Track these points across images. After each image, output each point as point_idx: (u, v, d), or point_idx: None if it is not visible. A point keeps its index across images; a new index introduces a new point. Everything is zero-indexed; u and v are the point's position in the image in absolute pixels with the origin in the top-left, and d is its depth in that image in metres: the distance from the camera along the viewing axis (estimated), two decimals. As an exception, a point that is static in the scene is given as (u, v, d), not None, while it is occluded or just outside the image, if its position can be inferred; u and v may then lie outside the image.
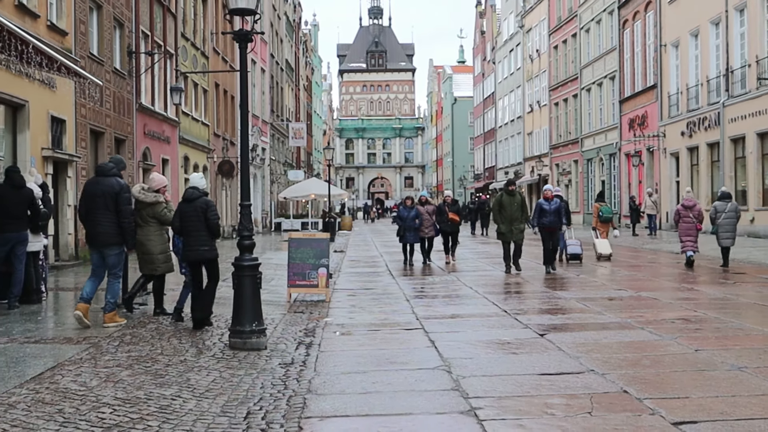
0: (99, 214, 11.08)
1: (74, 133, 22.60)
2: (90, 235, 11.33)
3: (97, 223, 11.11)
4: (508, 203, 19.11)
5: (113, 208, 11.07)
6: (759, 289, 15.24)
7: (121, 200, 11.15)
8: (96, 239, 11.21)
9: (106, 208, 11.05)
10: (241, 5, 9.43)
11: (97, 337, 10.05)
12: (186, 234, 10.84)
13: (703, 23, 35.63)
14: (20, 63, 13.78)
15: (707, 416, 6.28)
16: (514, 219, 19.00)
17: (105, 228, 11.08)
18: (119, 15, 26.74)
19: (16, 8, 18.82)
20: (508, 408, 6.69)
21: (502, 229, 19.21)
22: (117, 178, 11.34)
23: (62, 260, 21.44)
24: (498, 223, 19.46)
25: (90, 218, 11.20)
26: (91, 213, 11.15)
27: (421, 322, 11.55)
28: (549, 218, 18.93)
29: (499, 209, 19.23)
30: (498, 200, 19.52)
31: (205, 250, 10.81)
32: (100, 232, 11.12)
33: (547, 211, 18.94)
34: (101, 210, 11.05)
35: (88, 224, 11.28)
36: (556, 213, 18.99)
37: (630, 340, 9.77)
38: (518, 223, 19.08)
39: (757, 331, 10.31)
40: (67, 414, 6.40)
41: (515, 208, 19.05)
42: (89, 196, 11.26)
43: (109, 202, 11.05)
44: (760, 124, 30.55)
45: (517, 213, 19.05)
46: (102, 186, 11.15)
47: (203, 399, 6.91)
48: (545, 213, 18.96)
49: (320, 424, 6.29)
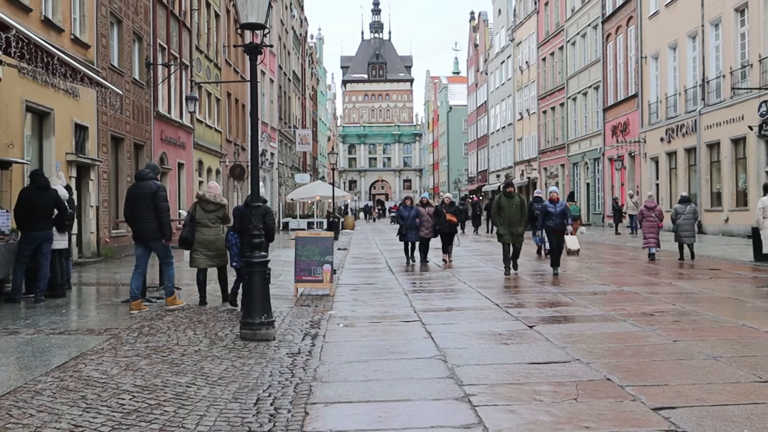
0: (143, 214, 11.88)
1: (96, 139, 22.59)
2: (136, 232, 12.09)
3: (142, 221, 11.91)
4: (506, 205, 17.80)
5: (153, 208, 11.84)
6: (733, 284, 15.23)
7: (158, 198, 11.90)
8: (142, 235, 11.98)
9: (148, 208, 11.84)
10: (251, 20, 9.43)
11: (117, 328, 10.05)
12: (244, 234, 10.89)
13: (680, 37, 35.63)
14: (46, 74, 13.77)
15: (685, 402, 6.27)
16: (513, 221, 17.72)
17: (149, 225, 11.87)
18: (138, 29, 26.73)
19: (42, 23, 18.82)
20: (500, 394, 6.68)
21: (501, 231, 17.89)
22: (153, 180, 12.15)
23: (85, 257, 21.43)
24: (497, 225, 18.11)
25: (135, 218, 11.98)
26: (136, 213, 11.95)
27: (419, 314, 11.54)
28: (555, 221, 17.88)
29: (498, 211, 17.92)
30: (497, 202, 18.10)
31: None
32: (145, 229, 11.92)
33: (553, 213, 17.87)
34: (144, 210, 11.86)
35: (134, 223, 12.05)
36: (561, 215, 17.89)
37: (613, 332, 9.77)
38: (517, 225, 17.78)
39: (732, 323, 10.30)
40: (90, 400, 6.40)
41: (514, 210, 17.75)
42: (133, 200, 12.04)
43: (149, 203, 11.82)
44: (734, 130, 30.53)
45: (516, 215, 17.75)
46: (142, 189, 11.96)
47: (216, 386, 6.91)
48: (551, 215, 17.91)
49: (325, 410, 6.28)
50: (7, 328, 10.10)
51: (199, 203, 12.63)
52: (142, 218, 11.90)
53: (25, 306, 12.37)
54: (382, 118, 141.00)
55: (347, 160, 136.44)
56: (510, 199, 17.84)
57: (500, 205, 17.87)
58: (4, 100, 16.62)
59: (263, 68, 48.33)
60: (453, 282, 16.54)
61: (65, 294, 13.75)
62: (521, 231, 17.91)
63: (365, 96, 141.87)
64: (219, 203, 12.52)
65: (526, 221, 18.29)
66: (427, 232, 21.31)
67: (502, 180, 69.91)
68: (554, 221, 17.86)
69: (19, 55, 12.58)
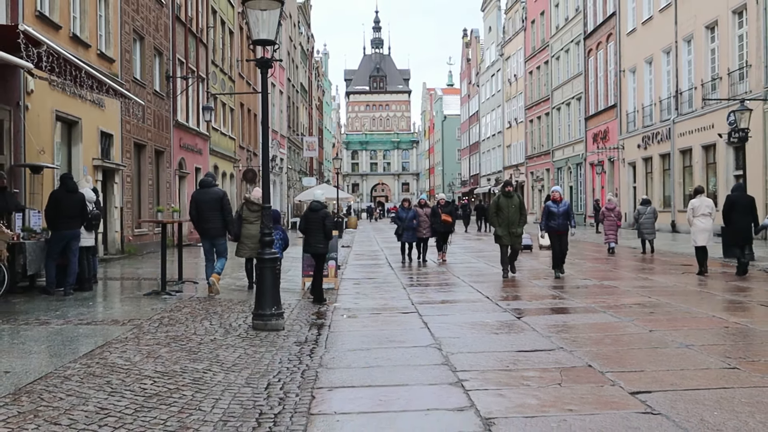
0: (209, 215, 13.01)
1: (120, 146, 22.58)
2: (203, 230, 13.13)
3: (209, 221, 13.03)
4: (505, 205, 16.03)
5: (219, 210, 13.01)
6: (703, 278, 15.22)
7: (225, 203, 13.16)
8: (209, 233, 13.10)
9: (214, 210, 12.98)
10: (262, 37, 9.43)
11: (139, 319, 10.05)
12: (308, 234, 12.25)
13: (656, 52, 35.62)
14: (74, 86, 13.80)
15: (660, 387, 6.27)
16: (512, 222, 15.97)
17: (214, 224, 13.03)
18: (159, 45, 26.72)
19: (71, 39, 18.81)
20: (490, 380, 6.68)
21: (499, 232, 16.05)
22: (218, 187, 13.45)
23: (110, 254, 21.41)
24: (495, 226, 16.23)
25: (202, 218, 13.06)
26: (203, 215, 13.03)
27: (416, 306, 11.54)
28: (558, 221, 16.09)
29: (496, 211, 16.12)
30: (495, 202, 16.32)
31: (320, 247, 12.15)
32: (211, 227, 13.06)
33: (556, 213, 16.07)
34: (211, 212, 13.00)
35: (201, 223, 13.08)
36: (564, 215, 16.07)
37: (594, 322, 9.76)
38: (516, 226, 16.02)
39: (703, 314, 10.31)
40: (115, 385, 6.40)
41: (513, 211, 15.98)
42: (200, 203, 13.09)
43: (215, 206, 12.99)
44: (705, 138, 30.53)
45: (515, 216, 15.98)
46: (210, 194, 13.12)
47: (230, 372, 6.91)
48: (554, 216, 16.09)
49: (330, 394, 6.28)
50: (38, 319, 10.11)
51: (246, 204, 13.72)
52: (209, 219, 12.99)
53: (56, 298, 12.37)
54: (382, 126, 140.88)
55: (350, 164, 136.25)
56: (509, 199, 16.16)
57: (499, 206, 16.18)
58: (36, 110, 16.62)
59: (273, 81, 48.31)
60: (447, 277, 16.53)
61: (92, 288, 13.75)
62: (520, 232, 16.23)
63: (367, 106, 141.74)
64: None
65: (525, 222, 16.54)
66: (425, 232, 20.65)
67: (494, 182, 70.07)
68: (557, 221, 16.13)
69: (50, 68, 12.61)
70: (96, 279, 14.55)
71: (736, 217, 15.88)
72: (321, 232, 12.12)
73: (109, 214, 21.55)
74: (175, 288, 13.52)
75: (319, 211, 12.21)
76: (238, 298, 12.35)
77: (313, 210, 12.28)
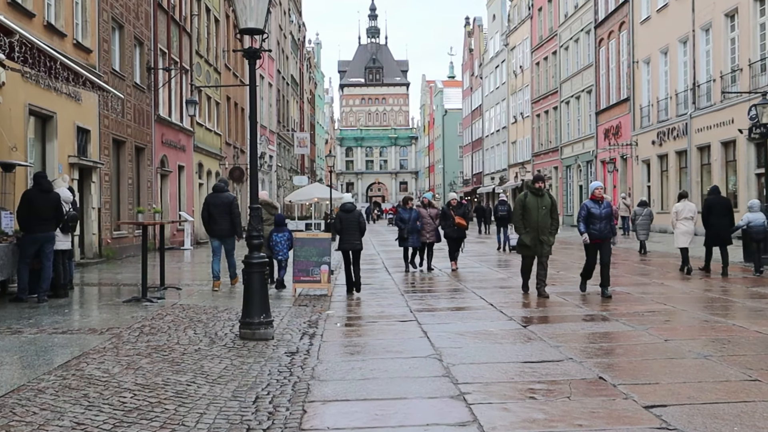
0: (220, 217, 14.79)
1: (98, 142, 22.57)
2: (214, 230, 14.94)
3: (219, 223, 14.82)
4: (534, 206, 13.33)
5: (229, 213, 14.78)
6: (723, 284, 15.25)
7: (233, 207, 14.89)
8: (219, 233, 14.91)
9: (224, 213, 14.77)
10: (250, 26, 9.43)
11: (119, 328, 10.05)
12: (344, 233, 14.60)
13: (672, 42, 35.67)
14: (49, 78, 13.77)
15: (676, 400, 6.28)
16: (542, 228, 13.32)
17: (224, 226, 14.82)
18: (139, 34, 26.72)
19: (45, 28, 18.80)
20: (494, 393, 6.68)
21: (525, 240, 13.45)
22: (229, 192, 15.21)
23: (87, 258, 21.40)
24: (520, 232, 13.64)
25: (213, 220, 14.86)
26: (214, 216, 14.83)
27: (415, 314, 11.54)
28: (599, 225, 13.22)
29: (522, 214, 13.46)
30: (521, 202, 13.59)
31: (356, 243, 14.61)
32: (222, 228, 14.85)
33: (597, 216, 13.21)
34: (222, 214, 14.78)
35: (212, 223, 14.89)
36: (608, 218, 13.34)
37: (605, 331, 9.78)
38: (546, 233, 13.37)
39: (722, 323, 10.31)
40: (92, 398, 6.39)
41: (543, 213, 13.31)
42: (213, 206, 14.88)
43: (226, 210, 14.77)
44: (724, 134, 30.56)
45: (545, 220, 13.33)
46: (222, 199, 14.90)
47: (216, 385, 6.91)
48: (594, 219, 13.23)
49: (322, 408, 6.28)
50: (10, 328, 10.09)
51: (264, 207, 14.80)
52: (219, 220, 14.80)
53: (29, 306, 12.35)
54: (378, 121, 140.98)
55: (344, 162, 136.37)
56: (539, 199, 13.41)
57: (526, 206, 13.44)
58: (8, 103, 16.61)
59: (262, 72, 48.33)
60: (449, 283, 16.54)
61: (68, 294, 13.75)
62: (552, 242, 13.57)
63: (362, 100, 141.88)
64: (274, 205, 15.88)
65: (558, 228, 13.80)
66: (430, 236, 19.10)
67: (498, 181, 70.11)
68: (598, 227, 13.23)
69: (23, 59, 12.58)
70: (72, 285, 14.55)
71: (714, 219, 17.35)
72: (356, 230, 14.56)
73: (86, 215, 21.54)
74: (157, 294, 13.52)
75: (353, 212, 14.79)
76: (224, 305, 12.35)
77: (347, 211, 14.81)
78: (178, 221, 29.09)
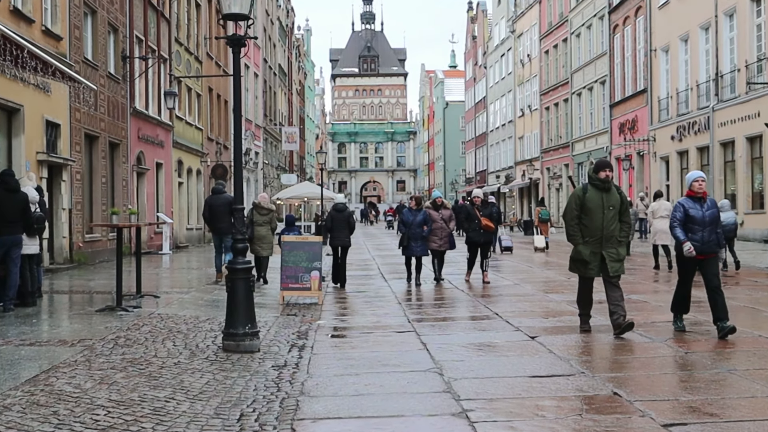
0: (221, 216, 17.29)
1: (69, 137, 22.55)
2: (215, 228, 17.82)
3: (220, 221, 17.39)
4: (596, 205, 10.23)
5: (229, 212, 16.33)
6: (749, 292, 15.28)
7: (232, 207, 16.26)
8: (220, 231, 17.48)
9: (224, 213, 16.99)
10: (234, 10, 9.44)
11: (91, 339, 10.04)
12: (335, 230, 17.17)
13: (692, 28, 35.72)
14: (15, 68, 13.77)
15: (697, 418, 6.29)
16: (609, 235, 10.19)
17: (225, 225, 17.02)
18: (113, 20, 26.71)
19: (11, 13, 18.79)
20: (499, 410, 6.69)
21: (583, 254, 10.28)
22: (227, 193, 17.89)
23: (57, 263, 21.37)
24: (576, 241, 10.40)
25: (214, 219, 17.69)
26: (215, 216, 17.61)
27: (413, 324, 11.55)
28: (702, 234, 10.05)
29: (579, 215, 10.35)
30: (578, 199, 10.40)
31: (346, 240, 17.28)
32: (223, 227, 17.26)
33: (699, 220, 10.06)
34: (222, 214, 17.19)
35: (214, 222, 17.78)
36: (712, 225, 10.14)
37: (620, 343, 9.77)
38: (614, 242, 10.24)
39: (747, 334, 10.31)
40: (62, 416, 6.39)
41: (610, 216, 10.20)
42: (213, 206, 17.75)
43: (226, 209, 16.82)
44: (750, 128, 30.60)
45: (612, 222, 10.21)
46: (222, 199, 17.62)
47: (197, 401, 6.91)
48: (695, 223, 10.06)
49: (313, 426, 6.29)
50: (-28, 340, 10.08)
51: (255, 208, 17.59)
52: (220, 219, 17.36)
53: (-7, 316, 12.33)
54: (374, 114, 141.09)
55: (337, 159, 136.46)
56: (605, 195, 10.28)
57: (584, 204, 10.33)
58: (-30, 95, 16.59)
59: (247, 62, 48.31)
60: (449, 290, 16.55)
61: (36, 302, 13.70)
62: (623, 254, 10.46)
63: (356, 91, 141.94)
64: (269, 208, 17.83)
65: (628, 235, 10.90)
66: (441, 243, 17.62)
67: (503, 180, 70.09)
68: (699, 236, 10.06)
69: (-14, 47, 12.57)
70: (40, 292, 14.50)
71: None
72: (346, 228, 17.17)
73: (56, 216, 21.51)
74: (133, 303, 13.49)
75: (344, 211, 17.42)
76: (206, 315, 12.35)
77: (339, 210, 17.44)
78: (156, 223, 29.06)
